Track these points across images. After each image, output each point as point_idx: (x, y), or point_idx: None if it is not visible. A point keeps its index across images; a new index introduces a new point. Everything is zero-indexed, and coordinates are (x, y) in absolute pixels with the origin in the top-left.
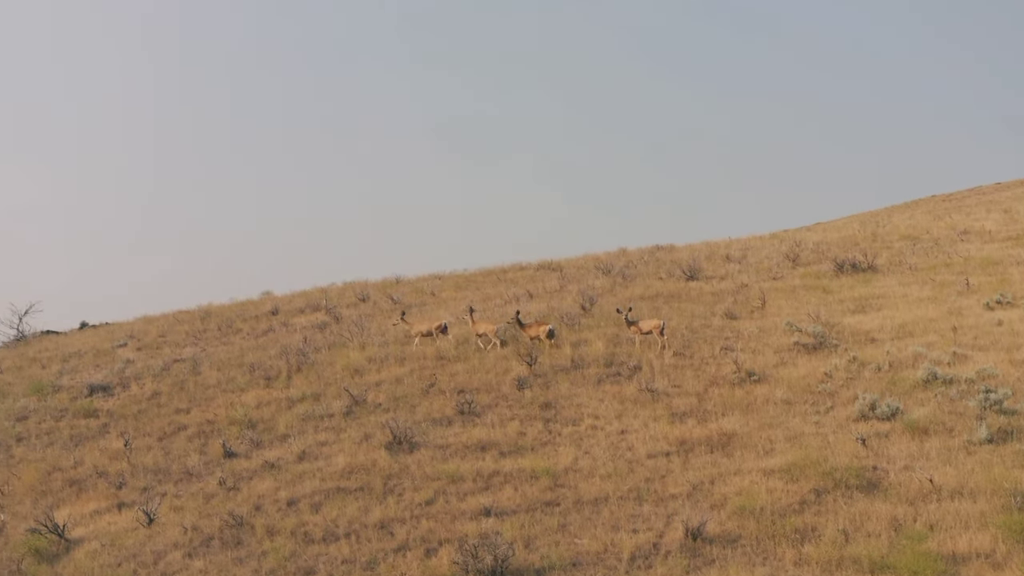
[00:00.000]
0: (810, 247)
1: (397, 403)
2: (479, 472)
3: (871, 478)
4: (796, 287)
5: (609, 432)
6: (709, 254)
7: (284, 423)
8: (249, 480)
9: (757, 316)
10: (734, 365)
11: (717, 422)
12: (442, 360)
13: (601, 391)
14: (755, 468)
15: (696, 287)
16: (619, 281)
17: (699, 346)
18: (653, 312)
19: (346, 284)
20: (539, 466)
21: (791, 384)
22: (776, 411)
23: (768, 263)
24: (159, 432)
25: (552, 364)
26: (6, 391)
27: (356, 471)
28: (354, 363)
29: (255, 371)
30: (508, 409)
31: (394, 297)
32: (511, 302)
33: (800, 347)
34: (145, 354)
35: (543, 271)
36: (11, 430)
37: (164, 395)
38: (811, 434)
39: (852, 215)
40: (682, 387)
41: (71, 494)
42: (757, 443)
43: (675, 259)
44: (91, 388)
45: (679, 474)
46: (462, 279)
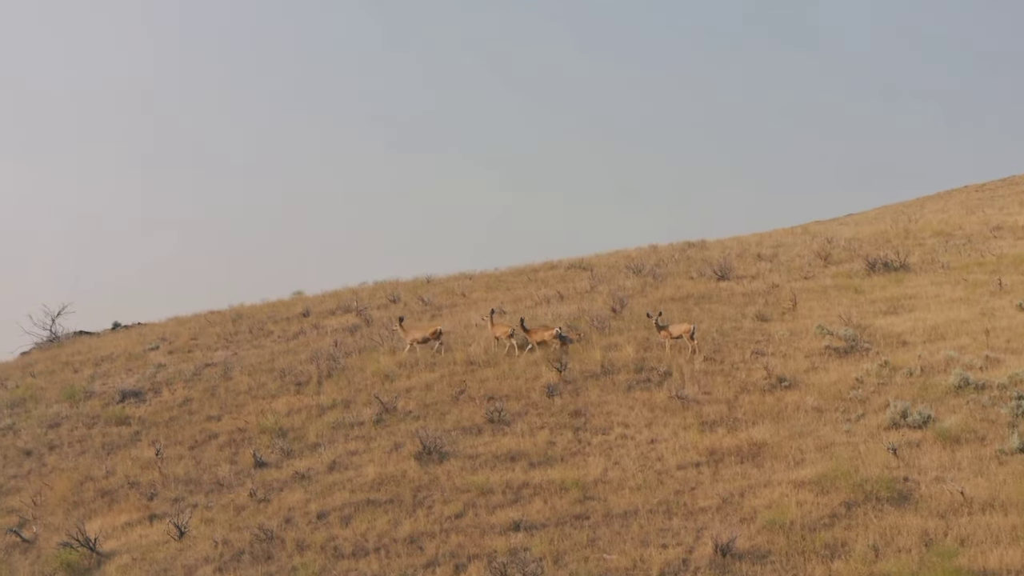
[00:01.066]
0: (842, 244)
1: (427, 410)
2: (508, 484)
3: (902, 490)
4: (827, 287)
5: (639, 441)
6: (740, 252)
7: (314, 431)
8: (279, 491)
9: (788, 318)
10: (764, 371)
11: (747, 431)
12: (472, 366)
13: (631, 398)
14: (785, 480)
15: (727, 287)
16: (650, 281)
17: (729, 350)
18: (684, 314)
19: (377, 284)
20: (569, 478)
21: (822, 390)
22: (807, 419)
23: (799, 261)
24: (190, 440)
25: (582, 370)
26: (39, 396)
27: (386, 482)
28: (384, 368)
29: (286, 377)
30: (538, 417)
31: (424, 298)
32: (541, 304)
33: (831, 351)
34: (177, 358)
35: (573, 270)
36: (44, 437)
37: (195, 401)
38: (842, 443)
39: (885, 206)
40: (712, 394)
41: (103, 505)
42: (787, 453)
43: (706, 258)
44: (123, 394)
45: (709, 486)
46: (492, 279)
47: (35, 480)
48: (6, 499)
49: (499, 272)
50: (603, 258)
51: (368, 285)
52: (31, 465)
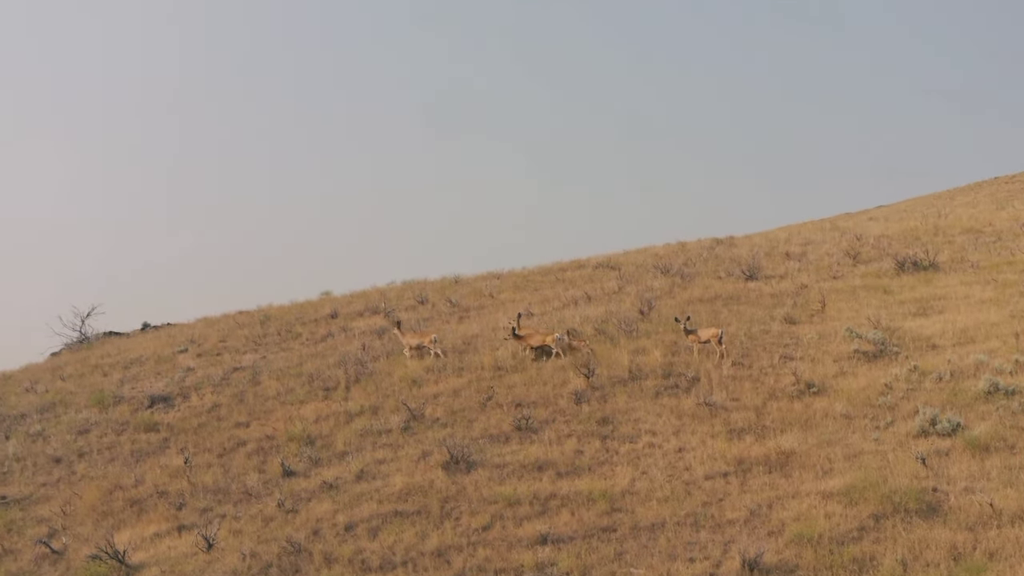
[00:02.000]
0: (871, 243)
1: (454, 417)
2: (536, 495)
3: (931, 501)
4: (856, 287)
5: (667, 450)
6: (769, 250)
7: (342, 439)
8: (308, 502)
9: (817, 320)
10: (793, 376)
11: (775, 439)
12: (500, 371)
13: (659, 405)
14: (813, 491)
15: (755, 288)
16: (678, 282)
17: (758, 354)
18: (712, 316)
19: (405, 284)
20: (596, 488)
21: (851, 397)
22: (835, 426)
23: (828, 260)
24: (219, 448)
25: (610, 375)
26: (69, 401)
27: (413, 493)
28: (412, 373)
29: (314, 381)
30: (565, 424)
31: (452, 300)
32: (569, 305)
33: (860, 355)
34: (205, 361)
35: (601, 269)
36: (73, 444)
37: (224, 407)
38: (870, 452)
39: (914, 198)
40: (740, 400)
41: (132, 515)
42: (816, 462)
43: (734, 256)
44: (152, 399)
45: (736, 497)
46: (520, 279)
47: (64, 488)
48: (36, 508)
49: (527, 271)
50: (631, 256)
51: (396, 285)
52: (60, 473)
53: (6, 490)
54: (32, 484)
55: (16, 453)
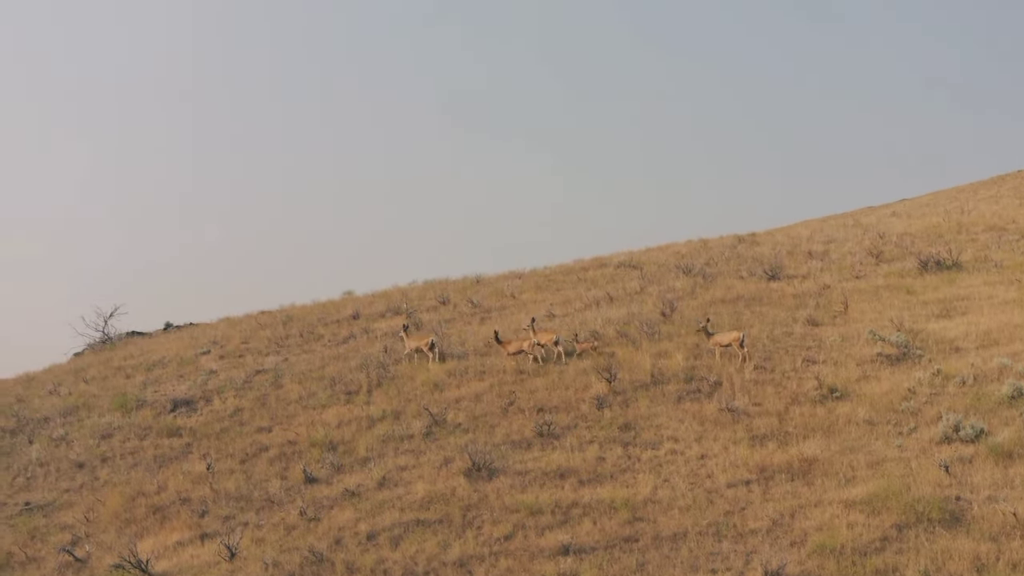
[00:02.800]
0: (894, 241)
1: (476, 423)
2: (558, 503)
3: (954, 510)
4: (879, 287)
5: (689, 457)
6: (791, 249)
7: (364, 445)
8: (330, 509)
9: (839, 322)
10: (816, 381)
11: (798, 446)
12: (522, 375)
13: (681, 410)
14: (836, 499)
15: (778, 288)
16: (700, 282)
17: (780, 358)
18: (735, 318)
19: (427, 283)
20: (618, 497)
21: (873, 401)
22: (858, 432)
23: (851, 260)
24: (241, 454)
25: (632, 379)
26: (92, 404)
27: (435, 501)
28: (434, 377)
29: (336, 385)
30: (587, 430)
31: (473, 300)
32: (590, 306)
33: (883, 358)
34: (228, 363)
35: (623, 269)
36: (96, 449)
37: (246, 411)
38: (893, 459)
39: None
40: (763, 405)
41: (154, 523)
42: (838, 470)
43: (756, 255)
44: (174, 403)
45: (759, 506)
46: (542, 278)
47: (87, 495)
48: (59, 515)
49: (548, 271)
50: (653, 254)
51: (417, 284)
52: (84, 479)
53: (30, 496)
54: (55, 490)
55: (40, 458)
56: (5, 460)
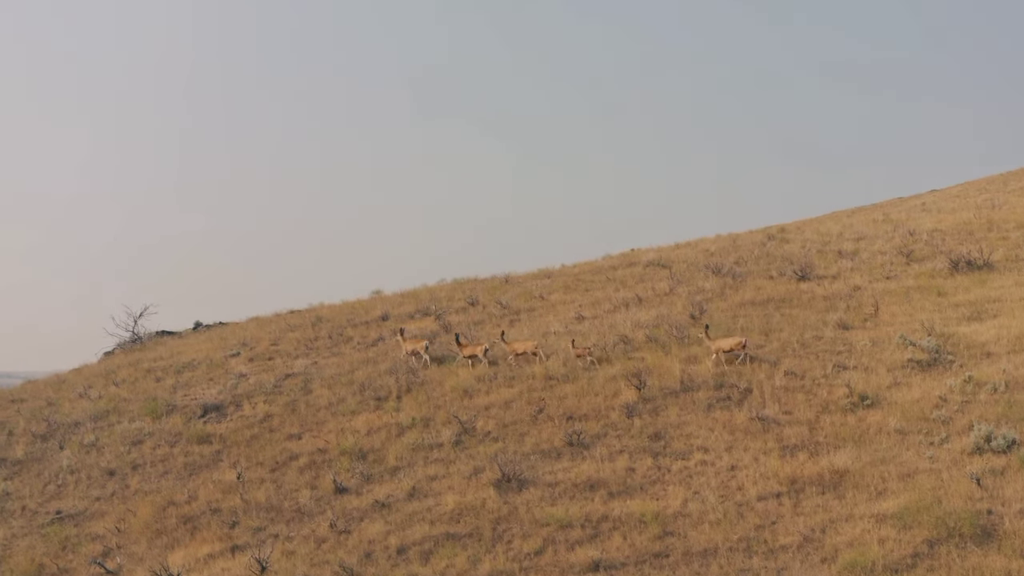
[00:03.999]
0: (924, 239)
1: (506, 431)
2: (588, 517)
3: (985, 525)
4: (910, 289)
5: (719, 468)
6: (821, 247)
7: (394, 454)
8: (360, 521)
9: (870, 325)
10: (846, 388)
11: (828, 457)
12: (551, 380)
13: (711, 419)
14: (867, 513)
15: (808, 289)
16: (729, 282)
17: (811, 363)
18: (764, 320)
19: (455, 282)
20: (648, 510)
21: (904, 410)
22: (889, 442)
23: (881, 259)
24: (271, 462)
25: (661, 386)
26: (122, 409)
27: (465, 513)
28: (463, 383)
29: (365, 391)
30: (617, 440)
31: (502, 302)
32: (619, 308)
33: (914, 364)
34: (257, 366)
35: (652, 268)
36: (126, 456)
37: (276, 418)
38: (925, 471)
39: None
40: (793, 414)
41: (185, 533)
42: (869, 482)
43: (786, 254)
44: (204, 408)
45: (789, 520)
46: (571, 278)
47: (118, 504)
48: (90, 524)
49: (578, 269)
50: (682, 251)
51: (446, 284)
52: (114, 487)
53: (61, 504)
54: (87, 498)
55: (70, 465)
56: (36, 466)
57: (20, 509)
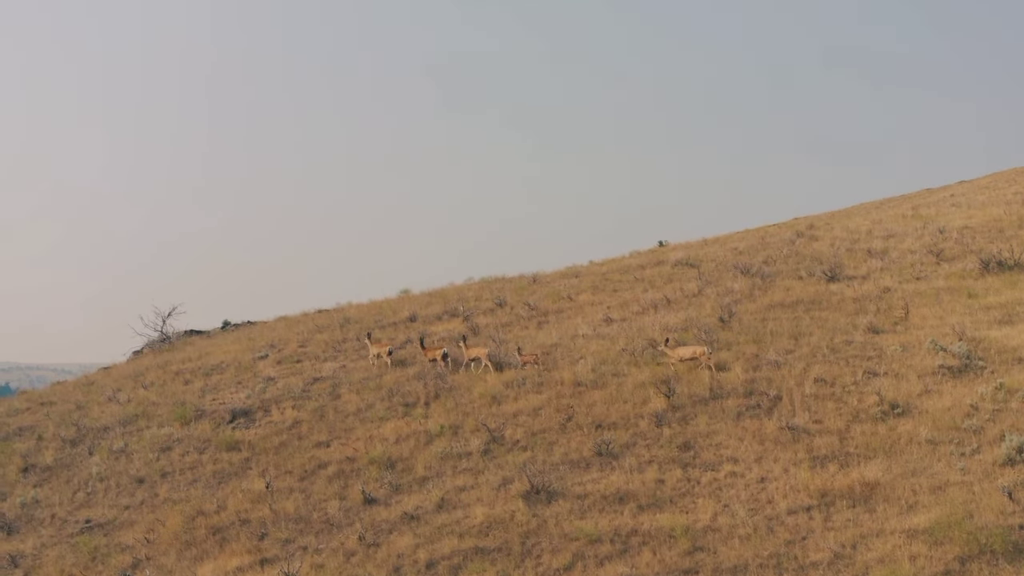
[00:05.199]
0: (954, 237)
1: (534, 439)
2: (617, 531)
3: (1017, 541)
4: (940, 290)
5: (749, 480)
6: (850, 245)
7: (423, 462)
8: (389, 534)
9: (900, 329)
10: (876, 396)
11: (859, 469)
12: (580, 387)
13: (740, 428)
14: (898, 528)
15: (837, 291)
16: (758, 283)
17: (841, 369)
18: (793, 323)
19: (483, 282)
20: (678, 524)
21: (936, 418)
22: (920, 453)
23: (911, 259)
24: (300, 471)
25: (690, 393)
26: (151, 413)
27: (494, 526)
28: (491, 389)
29: (393, 397)
30: (646, 449)
31: (530, 303)
32: (648, 310)
33: (945, 370)
34: (285, 369)
35: (680, 267)
36: (155, 464)
37: (304, 424)
38: (956, 483)
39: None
40: (823, 423)
41: (214, 545)
42: (900, 495)
43: (815, 253)
44: (233, 413)
45: (820, 536)
46: (599, 277)
47: (147, 513)
48: (119, 534)
49: (605, 268)
50: (710, 249)
51: (474, 283)
52: (143, 495)
53: (91, 513)
54: (116, 507)
55: (100, 473)
56: (66, 473)
57: (50, 517)
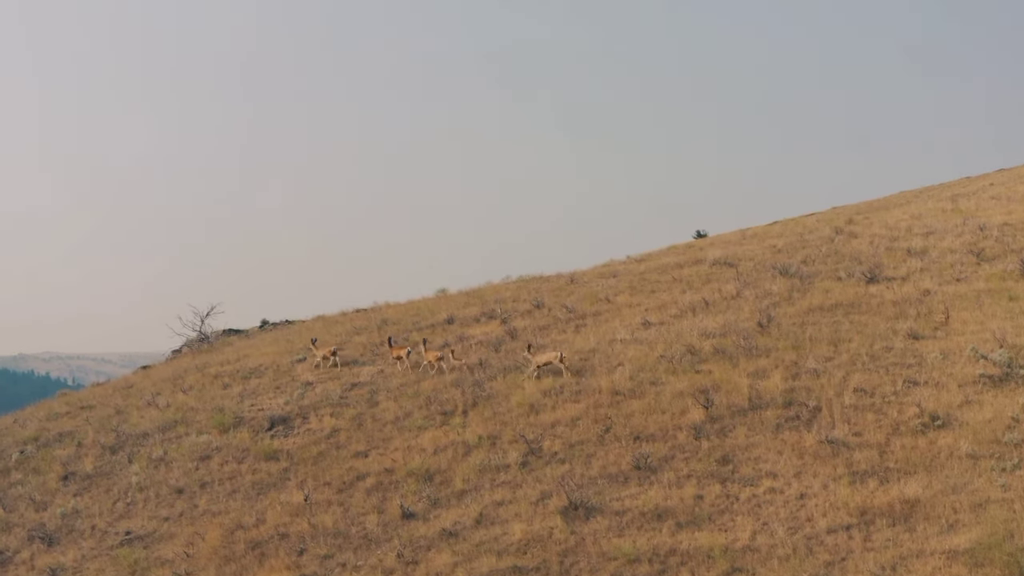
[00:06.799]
0: (994, 235)
1: (572, 451)
2: (655, 550)
3: None
4: (980, 292)
5: (788, 497)
6: (889, 244)
7: (461, 475)
8: (427, 551)
9: (940, 335)
10: (917, 408)
11: (899, 486)
12: (617, 396)
13: (779, 441)
14: (938, 549)
15: (876, 293)
16: (797, 284)
17: (880, 378)
18: (832, 328)
19: (520, 282)
20: (716, 544)
21: (976, 431)
22: (961, 468)
23: (951, 258)
24: (338, 482)
25: (729, 404)
26: (189, 419)
27: (532, 544)
28: (529, 398)
29: (431, 405)
30: (684, 463)
31: (567, 305)
32: (686, 313)
33: (986, 379)
34: (323, 373)
35: (718, 267)
36: (194, 473)
37: (342, 433)
38: (996, 501)
39: None
40: (863, 436)
41: (253, 560)
42: (940, 513)
43: (854, 252)
44: (272, 421)
45: (859, 556)
46: (636, 278)
47: (186, 525)
48: (159, 547)
49: (643, 267)
50: (749, 247)
51: (511, 282)
52: (183, 506)
53: (130, 524)
54: (155, 518)
55: (139, 482)
56: (106, 482)
57: (90, 528)
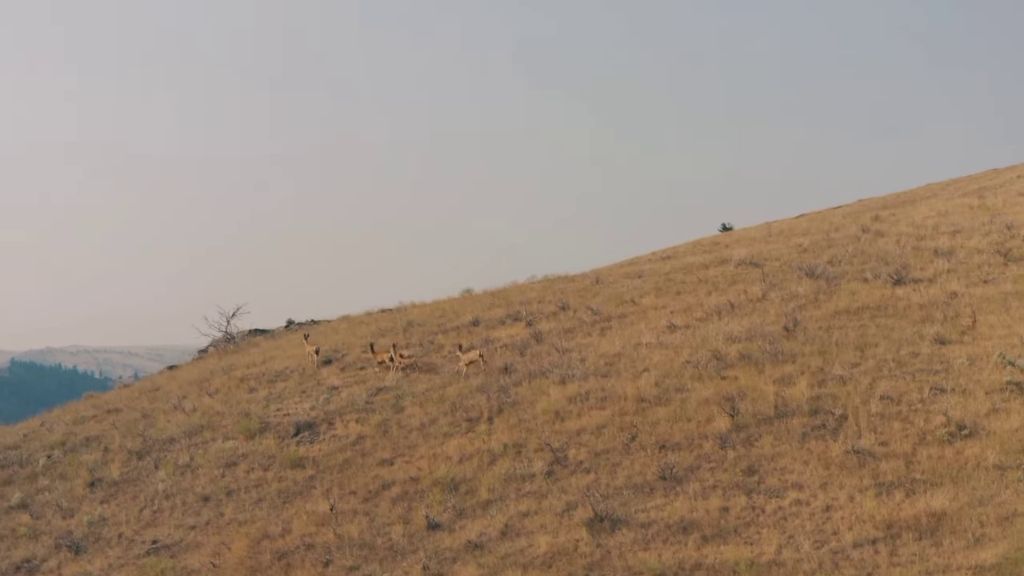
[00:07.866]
0: (1021, 234)
1: (598, 460)
2: (681, 565)
3: None
4: (1008, 295)
5: (814, 509)
6: (916, 242)
7: (486, 485)
8: (452, 563)
9: (968, 339)
10: (943, 416)
11: (925, 498)
12: (643, 403)
13: (805, 450)
14: (964, 564)
15: (903, 296)
16: (823, 286)
17: (907, 385)
18: (859, 332)
19: (545, 281)
20: (742, 558)
21: (1003, 441)
22: (987, 479)
23: (978, 259)
24: (364, 491)
25: (754, 411)
26: (216, 424)
27: (558, 557)
28: (555, 404)
29: (457, 411)
30: (710, 473)
31: (592, 307)
32: (712, 316)
33: (1013, 387)
34: (349, 377)
35: (744, 268)
36: (221, 481)
37: (368, 440)
38: (1023, 514)
39: None
40: (889, 446)
41: (279, 571)
42: (967, 526)
43: (881, 251)
44: (297, 427)
45: (885, 572)
46: (662, 278)
47: (212, 534)
48: (186, 557)
49: (668, 267)
50: (774, 246)
51: (536, 282)
52: (209, 515)
53: (157, 532)
54: (182, 527)
55: (166, 489)
56: (132, 489)
57: (117, 537)
